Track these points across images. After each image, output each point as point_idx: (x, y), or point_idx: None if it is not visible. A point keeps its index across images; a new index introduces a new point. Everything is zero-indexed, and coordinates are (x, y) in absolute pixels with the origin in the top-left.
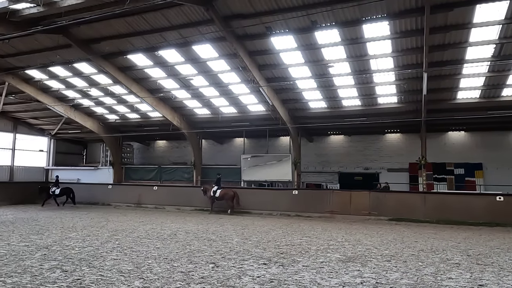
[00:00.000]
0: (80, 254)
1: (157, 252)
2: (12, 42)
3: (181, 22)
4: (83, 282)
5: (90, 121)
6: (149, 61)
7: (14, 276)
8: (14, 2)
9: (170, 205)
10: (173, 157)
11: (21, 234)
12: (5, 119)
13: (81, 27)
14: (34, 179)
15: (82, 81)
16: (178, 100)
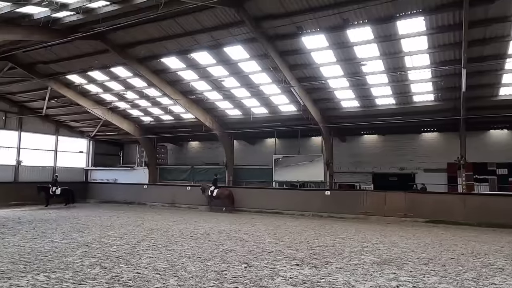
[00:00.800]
0: (118, 252)
1: (191, 251)
2: (54, 49)
3: (212, 25)
4: (121, 279)
5: (126, 123)
6: (182, 64)
7: (58, 271)
8: (55, 11)
9: (202, 205)
10: (206, 158)
11: (63, 232)
12: (48, 122)
13: (118, 33)
14: (75, 179)
15: (119, 84)
16: (210, 102)
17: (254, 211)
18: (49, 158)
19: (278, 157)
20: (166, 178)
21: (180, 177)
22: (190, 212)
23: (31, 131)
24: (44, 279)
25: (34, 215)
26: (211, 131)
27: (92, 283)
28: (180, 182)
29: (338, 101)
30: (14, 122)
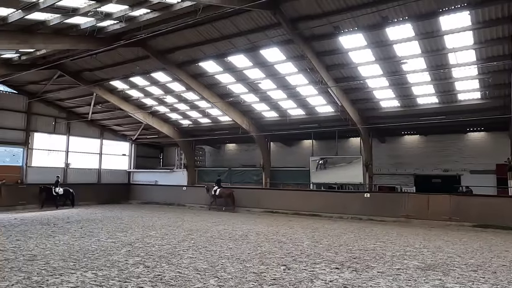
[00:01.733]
0: (160, 252)
1: (230, 252)
2: (99, 57)
3: (249, 28)
4: (163, 278)
5: (166, 127)
6: (219, 67)
7: (104, 269)
8: (100, 21)
9: (240, 206)
10: (243, 160)
11: (108, 231)
12: (93, 126)
13: (157, 39)
14: (118, 181)
15: (159, 89)
16: (246, 104)
17: (291, 213)
18: (95, 161)
19: (315, 158)
20: (204, 180)
21: None
22: (228, 214)
23: (78, 135)
24: (92, 276)
25: (81, 215)
26: (248, 133)
27: (137, 281)
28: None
29: (377, 101)
30: (62, 127)
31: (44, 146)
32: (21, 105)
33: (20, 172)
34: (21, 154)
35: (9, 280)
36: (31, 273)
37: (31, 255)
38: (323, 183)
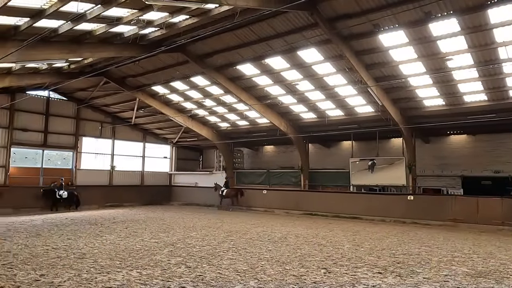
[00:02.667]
0: (201, 252)
1: (269, 254)
2: (141, 63)
3: (286, 29)
4: (204, 279)
5: (205, 129)
6: (256, 70)
7: (148, 268)
8: (142, 28)
9: (279, 208)
10: (281, 162)
11: (151, 232)
12: (137, 130)
13: (196, 44)
14: (160, 183)
15: (198, 93)
16: (284, 106)
17: (331, 215)
18: (138, 163)
19: (355, 160)
20: (242, 182)
21: (256, 180)
22: (266, 216)
23: (123, 139)
24: (137, 275)
25: (126, 215)
26: (286, 135)
27: (179, 281)
28: (256, 185)
29: (420, 100)
30: (108, 131)
31: (91, 150)
32: (71, 111)
33: (70, 175)
34: (71, 158)
35: (61, 277)
36: (81, 271)
37: (80, 253)
38: (364, 185)
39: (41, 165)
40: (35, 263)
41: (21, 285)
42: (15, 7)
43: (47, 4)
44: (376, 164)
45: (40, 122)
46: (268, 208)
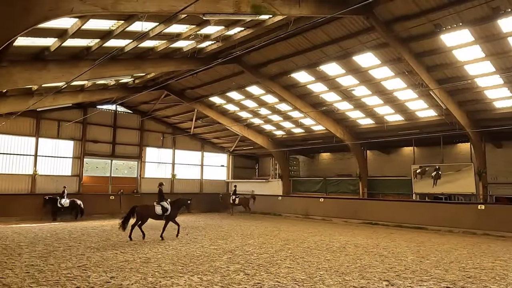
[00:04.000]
0: (258, 260)
1: (328, 264)
2: (199, 76)
3: (340, 35)
4: (263, 286)
5: (261, 138)
6: (311, 77)
7: (208, 274)
8: (200, 42)
9: (337, 217)
10: (338, 169)
11: (210, 238)
12: (195, 140)
13: (251, 54)
14: (217, 191)
15: (253, 102)
16: (340, 112)
17: (393, 225)
18: (197, 172)
19: (417, 167)
20: (299, 190)
21: (312, 188)
22: (324, 224)
23: (182, 149)
24: (198, 280)
25: (186, 222)
26: (343, 141)
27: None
28: (313, 193)
29: (490, 102)
30: (169, 141)
31: (154, 159)
32: (136, 123)
33: (135, 183)
34: (136, 167)
35: (129, 279)
36: (146, 274)
37: (146, 257)
38: (428, 193)
39: (110, 174)
40: (105, 265)
41: (94, 286)
42: (88, 30)
43: (114, 26)
44: (441, 171)
45: (108, 134)
46: (326, 216)
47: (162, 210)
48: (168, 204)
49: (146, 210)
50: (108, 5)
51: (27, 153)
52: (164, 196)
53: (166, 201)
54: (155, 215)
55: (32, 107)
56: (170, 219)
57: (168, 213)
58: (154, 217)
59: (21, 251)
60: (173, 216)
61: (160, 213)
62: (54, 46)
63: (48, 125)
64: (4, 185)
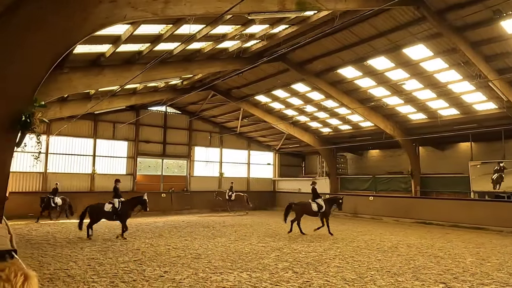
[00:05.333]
0: (307, 258)
1: (379, 264)
2: (244, 75)
3: (389, 28)
4: (312, 285)
5: (307, 135)
6: (358, 72)
7: (257, 271)
8: (245, 42)
9: (387, 216)
10: (388, 166)
11: (258, 236)
12: (241, 138)
13: (296, 52)
14: (264, 189)
15: (298, 99)
16: (390, 108)
17: (448, 225)
18: (243, 170)
19: (475, 163)
20: (347, 188)
21: (361, 186)
22: (373, 223)
23: (229, 147)
24: (247, 277)
25: (234, 220)
26: (392, 138)
27: (287, 285)
28: (361, 192)
29: None
30: (216, 140)
31: (202, 158)
32: (184, 123)
33: (185, 181)
34: (185, 166)
35: (181, 274)
36: (197, 270)
37: (196, 253)
38: (488, 191)
39: (161, 173)
40: (159, 260)
41: (149, 280)
42: (139, 35)
43: (163, 30)
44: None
45: (159, 134)
46: (375, 215)
47: (317, 207)
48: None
49: (303, 206)
50: (158, 10)
51: (86, 154)
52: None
53: (320, 198)
54: (311, 212)
55: (90, 110)
56: (325, 216)
57: (323, 210)
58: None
59: (82, 245)
60: (328, 213)
61: (316, 210)
62: (109, 52)
63: (104, 127)
64: (66, 183)
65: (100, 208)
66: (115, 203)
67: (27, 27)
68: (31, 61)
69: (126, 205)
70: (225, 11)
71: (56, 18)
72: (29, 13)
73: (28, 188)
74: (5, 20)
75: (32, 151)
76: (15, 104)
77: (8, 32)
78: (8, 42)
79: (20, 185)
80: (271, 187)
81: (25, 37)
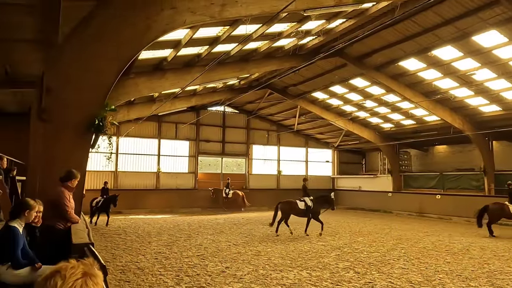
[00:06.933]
0: (369, 259)
1: (448, 266)
2: (300, 72)
3: (456, 14)
4: (375, 286)
5: (367, 132)
6: (421, 64)
7: (317, 270)
8: (301, 39)
9: (457, 216)
10: (457, 163)
11: (318, 234)
12: (299, 136)
13: (354, 46)
14: (323, 187)
15: (357, 95)
16: (458, 100)
17: None
18: (301, 168)
19: None
20: (411, 186)
21: (427, 184)
22: (441, 223)
23: (286, 145)
24: (307, 275)
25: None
26: (461, 132)
27: (348, 285)
28: (427, 190)
29: None
30: (274, 138)
31: (260, 156)
32: (242, 122)
33: (244, 179)
34: (244, 164)
35: (242, 270)
36: (257, 267)
37: (256, 251)
38: None
39: (221, 171)
40: (220, 256)
41: (212, 275)
42: (198, 38)
43: (221, 32)
44: None
45: (218, 134)
46: (443, 215)
47: (305, 206)
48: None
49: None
50: (215, 13)
51: (152, 153)
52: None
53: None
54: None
55: (154, 112)
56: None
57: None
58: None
59: (150, 239)
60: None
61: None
62: (171, 56)
63: (167, 127)
64: (134, 181)
65: (292, 205)
66: (307, 202)
67: (99, 38)
68: (102, 69)
69: (317, 203)
70: (280, 10)
71: (123, 28)
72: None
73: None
74: (80, 31)
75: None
76: (89, 109)
77: (82, 43)
78: (83, 52)
79: (94, 183)
80: (330, 185)
81: (97, 47)
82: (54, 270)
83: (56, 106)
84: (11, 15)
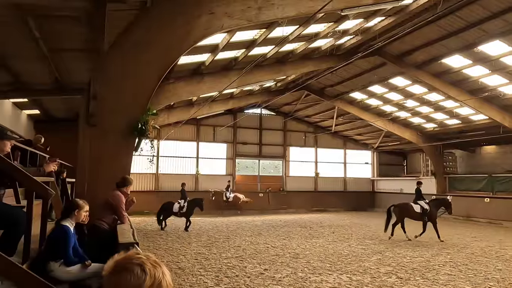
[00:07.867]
0: (412, 264)
1: (499, 274)
2: (338, 72)
3: (504, 7)
4: None
5: (408, 132)
6: (467, 60)
7: (357, 274)
8: (338, 39)
9: (508, 220)
10: (507, 164)
11: (358, 238)
12: (337, 138)
13: (393, 44)
14: (362, 189)
15: (398, 94)
16: (508, 98)
17: None
18: (340, 170)
19: None
20: (457, 188)
21: (474, 187)
22: (490, 228)
23: (324, 147)
24: (347, 279)
25: (331, 220)
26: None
27: None
28: (474, 193)
29: None
30: (311, 140)
31: (297, 158)
32: (279, 124)
33: (281, 181)
34: (281, 166)
35: (281, 273)
36: (296, 269)
37: (294, 253)
38: None
39: (258, 173)
40: (259, 258)
41: (251, 276)
42: (235, 42)
43: (257, 35)
44: None
45: (255, 136)
46: (493, 219)
47: (421, 210)
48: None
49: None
50: (252, 17)
51: (191, 156)
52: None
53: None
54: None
55: (193, 116)
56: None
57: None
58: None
59: (190, 240)
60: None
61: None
62: (208, 60)
63: (206, 130)
64: (173, 183)
65: (408, 208)
66: (422, 205)
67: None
68: (144, 75)
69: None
70: (317, 10)
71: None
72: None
73: (144, 188)
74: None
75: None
76: (132, 113)
77: (126, 50)
78: (126, 59)
79: (138, 185)
80: (370, 187)
81: (140, 54)
82: (130, 261)
83: (102, 111)
84: (60, 25)
